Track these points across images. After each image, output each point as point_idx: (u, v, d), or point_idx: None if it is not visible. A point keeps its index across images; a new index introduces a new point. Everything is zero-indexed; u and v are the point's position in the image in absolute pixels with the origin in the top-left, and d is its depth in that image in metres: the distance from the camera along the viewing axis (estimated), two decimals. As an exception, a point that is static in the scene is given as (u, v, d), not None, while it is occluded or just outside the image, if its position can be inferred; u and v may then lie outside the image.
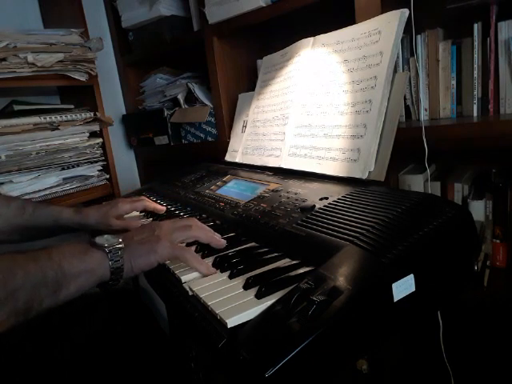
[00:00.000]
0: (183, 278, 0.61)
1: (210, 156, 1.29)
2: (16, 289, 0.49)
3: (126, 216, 0.96)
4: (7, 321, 0.49)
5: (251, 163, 1.08)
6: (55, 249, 0.56)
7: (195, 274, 0.62)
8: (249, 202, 0.83)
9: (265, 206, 0.78)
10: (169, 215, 0.94)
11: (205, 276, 0.61)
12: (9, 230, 0.86)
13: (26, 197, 1.22)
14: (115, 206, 0.90)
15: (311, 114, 0.91)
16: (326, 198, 0.72)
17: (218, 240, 0.69)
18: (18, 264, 0.51)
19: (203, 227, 0.70)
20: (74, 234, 0.94)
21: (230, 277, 0.58)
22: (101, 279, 0.59)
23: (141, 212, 1.00)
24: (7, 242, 0.88)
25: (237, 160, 1.14)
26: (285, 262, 0.60)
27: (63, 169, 1.32)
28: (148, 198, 1.14)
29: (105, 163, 1.43)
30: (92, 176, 1.39)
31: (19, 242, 0.90)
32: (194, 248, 0.69)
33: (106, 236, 0.62)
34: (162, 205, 1.02)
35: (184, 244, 0.71)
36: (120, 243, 0.61)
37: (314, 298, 0.45)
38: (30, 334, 0.92)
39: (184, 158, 1.40)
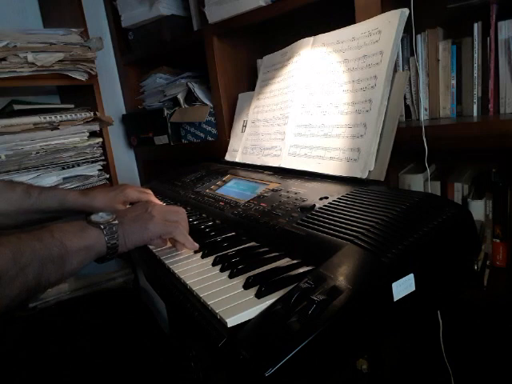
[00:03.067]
0: (183, 277, 0.61)
1: (210, 156, 1.29)
2: (25, 265, 0.53)
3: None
4: (19, 296, 0.53)
5: (251, 163, 1.07)
6: (55, 227, 0.59)
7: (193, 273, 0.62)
8: (249, 201, 0.83)
9: (265, 205, 0.78)
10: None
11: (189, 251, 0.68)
12: (15, 214, 0.86)
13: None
14: (123, 191, 0.89)
15: (311, 114, 0.91)
16: (326, 198, 0.72)
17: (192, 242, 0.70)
18: (24, 243, 0.54)
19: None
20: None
21: (230, 276, 0.58)
22: (98, 254, 0.62)
23: None
24: (13, 225, 0.89)
25: (237, 159, 1.14)
26: (285, 262, 0.60)
27: (63, 168, 1.32)
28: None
29: (105, 163, 1.42)
30: (92, 176, 1.39)
31: (25, 226, 0.90)
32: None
33: (100, 213, 0.65)
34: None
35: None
36: (114, 220, 0.64)
37: (314, 298, 0.45)
38: (30, 333, 0.92)
39: (184, 158, 1.40)
